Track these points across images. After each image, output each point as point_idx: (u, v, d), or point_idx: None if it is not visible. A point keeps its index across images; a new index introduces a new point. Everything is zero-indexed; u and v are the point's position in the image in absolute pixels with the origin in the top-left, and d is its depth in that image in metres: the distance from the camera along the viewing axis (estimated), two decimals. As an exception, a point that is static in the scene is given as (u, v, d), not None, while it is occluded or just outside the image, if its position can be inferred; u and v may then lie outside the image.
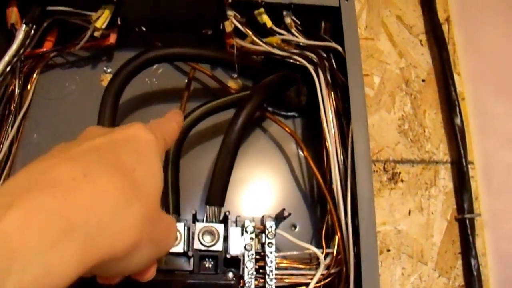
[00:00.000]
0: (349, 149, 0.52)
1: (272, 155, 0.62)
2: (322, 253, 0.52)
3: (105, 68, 0.65)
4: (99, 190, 0.28)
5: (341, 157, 0.54)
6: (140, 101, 0.63)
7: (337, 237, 0.51)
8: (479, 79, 0.71)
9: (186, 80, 0.63)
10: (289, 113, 0.64)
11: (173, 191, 0.53)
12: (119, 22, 0.62)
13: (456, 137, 0.65)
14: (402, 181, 0.63)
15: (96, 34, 0.59)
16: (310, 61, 0.58)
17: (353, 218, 0.50)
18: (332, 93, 0.56)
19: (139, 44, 0.64)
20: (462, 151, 0.64)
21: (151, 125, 0.36)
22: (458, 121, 0.65)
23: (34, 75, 0.63)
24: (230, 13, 0.58)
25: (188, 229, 0.49)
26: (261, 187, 0.61)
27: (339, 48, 0.56)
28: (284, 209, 0.51)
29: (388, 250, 0.60)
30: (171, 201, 0.52)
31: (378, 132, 0.65)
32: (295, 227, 0.59)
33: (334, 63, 0.57)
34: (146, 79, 0.64)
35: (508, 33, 0.73)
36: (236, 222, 0.52)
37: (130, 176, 0.30)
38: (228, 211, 0.50)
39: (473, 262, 0.60)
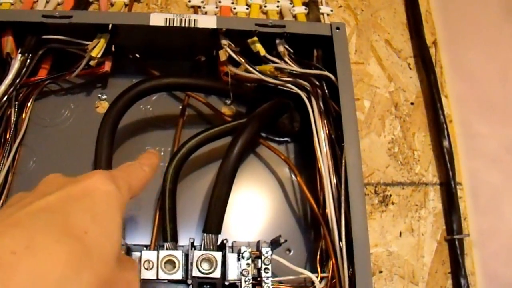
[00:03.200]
0: (342, 174, 0.53)
1: (266, 180, 0.63)
2: (317, 277, 0.54)
3: (100, 95, 0.66)
4: (42, 264, 0.25)
5: (334, 182, 0.55)
6: (135, 128, 0.64)
7: (331, 262, 0.52)
8: (465, 101, 0.73)
9: (181, 107, 0.64)
10: (283, 139, 0.65)
11: (170, 219, 0.53)
12: (113, 50, 0.63)
13: (444, 159, 0.66)
14: (392, 203, 0.65)
15: (92, 63, 0.60)
16: (302, 88, 0.59)
17: (347, 242, 0.51)
18: (325, 120, 0.57)
19: (134, 71, 0.65)
20: (450, 173, 0.65)
21: (116, 173, 0.35)
22: (446, 143, 0.67)
23: (29, 103, 0.63)
24: (224, 42, 0.59)
25: (186, 256, 0.50)
26: (256, 211, 0.62)
27: (331, 76, 0.58)
28: (280, 236, 0.52)
29: (380, 272, 0.61)
30: (168, 229, 0.53)
31: (368, 155, 0.67)
32: (289, 251, 0.60)
33: (326, 91, 0.58)
34: (141, 106, 0.65)
35: (492, 56, 0.76)
36: (232, 247, 0.53)
37: (81, 241, 0.28)
38: (226, 239, 0.51)
39: (462, 281, 0.61)
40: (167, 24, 0.58)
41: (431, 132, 0.69)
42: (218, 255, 0.50)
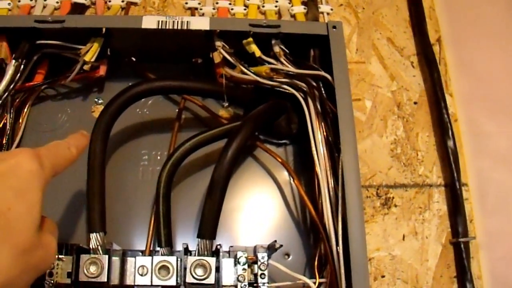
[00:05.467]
0: (340, 177, 0.52)
1: (264, 183, 0.62)
2: (315, 283, 0.53)
3: (96, 99, 0.65)
4: None
5: (332, 185, 0.54)
6: (132, 132, 0.63)
7: (329, 267, 0.51)
8: (471, 100, 0.71)
9: (177, 110, 0.64)
10: (281, 141, 0.64)
11: (165, 225, 0.53)
12: (108, 53, 0.62)
13: (449, 159, 0.64)
14: (395, 206, 0.63)
15: (86, 67, 0.60)
16: (299, 89, 0.58)
17: (344, 247, 0.50)
18: (322, 121, 0.56)
19: (130, 74, 0.64)
20: (455, 174, 0.64)
21: (42, 151, 0.37)
22: (451, 143, 0.65)
23: (26, 108, 0.63)
24: (219, 43, 0.58)
25: (181, 261, 0.50)
26: (254, 215, 0.61)
27: (328, 76, 0.56)
28: (275, 241, 0.51)
29: (383, 276, 0.60)
30: (163, 235, 0.52)
31: (370, 157, 0.65)
32: (288, 255, 0.59)
33: (323, 92, 0.57)
34: (138, 109, 0.64)
35: (499, 52, 0.74)
36: (229, 252, 0.52)
37: (4, 216, 0.31)
38: (220, 244, 0.51)
39: (468, 286, 0.60)
40: (160, 27, 0.57)
41: (435, 132, 0.67)
42: (212, 260, 0.49)
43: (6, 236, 0.31)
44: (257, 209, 0.61)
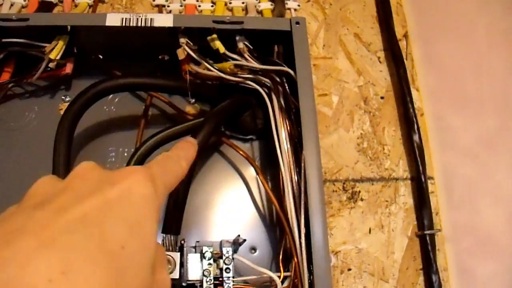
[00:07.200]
0: (302, 172, 0.53)
1: (231, 178, 0.62)
2: (279, 276, 0.53)
3: (63, 97, 0.65)
4: None
5: (295, 180, 0.54)
6: (99, 130, 0.63)
7: (294, 260, 0.52)
8: (438, 94, 0.72)
9: (144, 107, 0.64)
10: (247, 137, 0.64)
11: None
12: (75, 51, 0.62)
13: (415, 153, 0.65)
14: (362, 199, 0.64)
15: (51, 65, 0.60)
16: (263, 85, 0.58)
17: (307, 241, 0.51)
18: (286, 116, 0.56)
19: (97, 72, 0.64)
20: (421, 168, 0.64)
21: (154, 170, 0.32)
22: (416, 137, 0.65)
23: (-8, 107, 0.63)
24: (183, 40, 0.58)
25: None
26: (221, 211, 0.61)
27: (291, 72, 0.57)
28: (239, 235, 0.52)
29: (349, 270, 0.60)
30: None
31: (337, 151, 0.66)
32: (255, 250, 0.59)
33: (287, 87, 0.57)
34: (105, 107, 0.64)
35: (465, 47, 0.74)
36: (195, 247, 0.53)
37: (118, 258, 0.26)
38: (184, 239, 0.51)
39: (434, 278, 0.60)
40: (123, 24, 0.57)
41: (402, 127, 0.68)
42: (176, 255, 0.50)
43: (120, 282, 0.26)
44: (224, 205, 0.61)
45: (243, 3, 0.72)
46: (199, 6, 0.72)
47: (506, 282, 0.64)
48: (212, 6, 0.72)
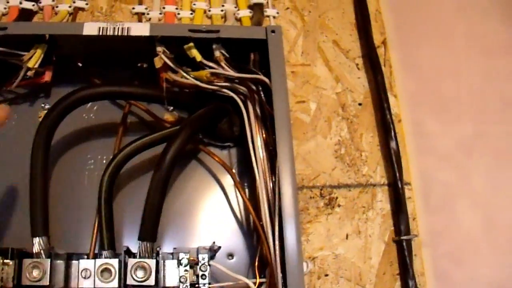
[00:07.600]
0: (277, 180, 0.53)
1: (208, 186, 0.63)
2: (255, 283, 0.54)
3: (43, 105, 0.66)
4: None
5: (270, 187, 0.55)
6: (78, 137, 0.64)
7: (269, 267, 0.52)
8: (416, 99, 0.72)
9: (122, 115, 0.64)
10: (224, 144, 0.64)
11: (107, 228, 0.54)
12: (54, 59, 0.62)
13: (391, 160, 0.66)
14: (339, 205, 0.64)
15: (30, 73, 0.60)
16: (239, 93, 0.59)
17: (281, 248, 0.51)
18: (261, 124, 0.57)
19: (77, 80, 0.65)
20: (397, 174, 0.65)
21: None
22: (393, 144, 0.66)
23: (-29, 115, 0.63)
24: (159, 49, 0.59)
25: (125, 264, 0.51)
26: (199, 218, 0.61)
27: (266, 80, 0.57)
28: (214, 242, 0.52)
29: (326, 275, 0.61)
30: (105, 238, 0.53)
31: (314, 158, 0.66)
32: (232, 256, 0.60)
33: (262, 95, 0.58)
34: (84, 114, 0.65)
35: (444, 53, 0.75)
36: (172, 254, 0.53)
37: None
38: (159, 246, 0.52)
39: (410, 283, 0.61)
40: (100, 33, 0.58)
41: (379, 133, 0.69)
42: (152, 262, 0.50)
43: None
44: (202, 211, 0.62)
45: (222, 11, 0.73)
46: (179, 14, 0.72)
47: (482, 287, 0.65)
48: (191, 14, 0.72)
